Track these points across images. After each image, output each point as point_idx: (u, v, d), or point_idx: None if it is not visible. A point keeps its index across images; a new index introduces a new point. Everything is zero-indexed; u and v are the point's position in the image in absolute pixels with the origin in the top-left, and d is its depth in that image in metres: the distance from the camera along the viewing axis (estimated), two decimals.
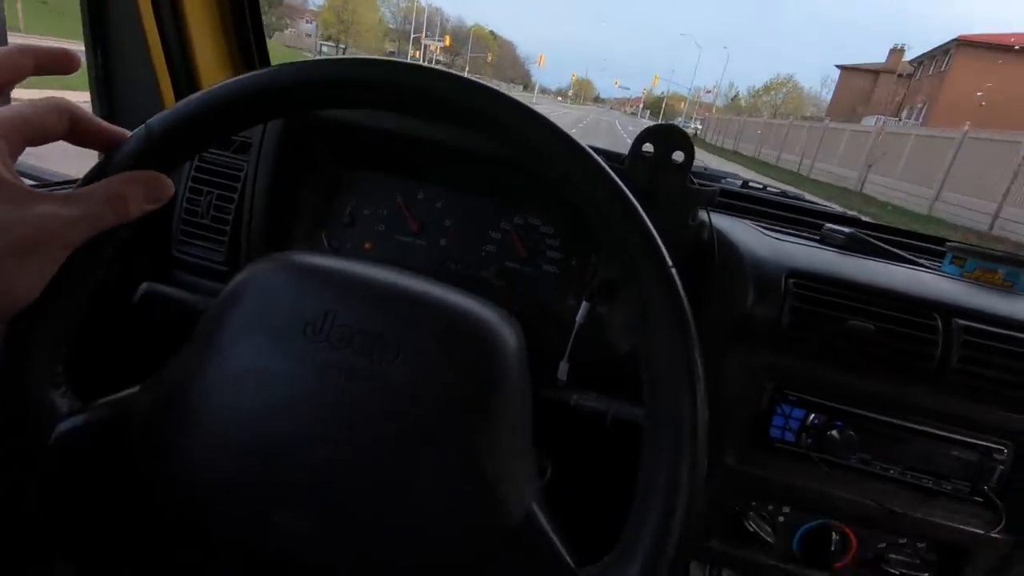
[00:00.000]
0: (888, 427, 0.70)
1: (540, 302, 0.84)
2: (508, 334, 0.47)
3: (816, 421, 0.71)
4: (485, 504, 0.42)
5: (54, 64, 0.37)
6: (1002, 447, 0.69)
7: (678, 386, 0.38)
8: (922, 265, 0.79)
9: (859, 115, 38.70)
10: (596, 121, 39.35)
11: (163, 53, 0.94)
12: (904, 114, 36.53)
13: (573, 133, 0.41)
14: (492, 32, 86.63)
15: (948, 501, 0.71)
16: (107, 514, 0.46)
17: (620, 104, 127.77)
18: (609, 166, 0.74)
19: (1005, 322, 0.67)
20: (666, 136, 0.73)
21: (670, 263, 0.40)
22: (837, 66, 48.36)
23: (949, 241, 0.84)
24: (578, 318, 0.74)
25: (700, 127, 66.42)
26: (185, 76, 0.98)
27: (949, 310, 0.67)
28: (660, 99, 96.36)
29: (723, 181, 1.08)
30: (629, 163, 0.74)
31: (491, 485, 0.42)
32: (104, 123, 0.40)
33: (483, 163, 0.81)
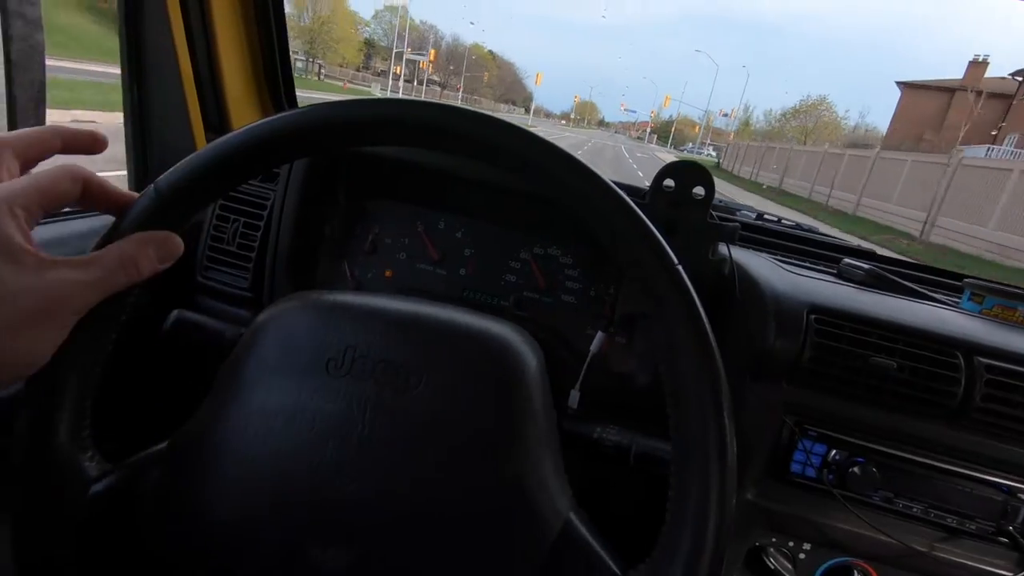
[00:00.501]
0: (911, 464, 0.70)
1: (559, 332, 0.84)
2: (529, 353, 0.48)
3: (837, 457, 0.71)
4: (523, 520, 0.42)
5: (81, 145, 0.40)
6: (1020, 483, 0.69)
7: (705, 416, 0.38)
8: (940, 301, 0.79)
9: (929, 143, 30.06)
10: (600, 147, 36.12)
11: (195, 89, 0.96)
12: (1008, 141, 26.92)
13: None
14: (491, 52, 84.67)
15: (972, 540, 0.70)
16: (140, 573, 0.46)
17: (625, 128, 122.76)
18: (632, 200, 0.76)
19: None
20: (687, 172, 0.74)
21: (696, 297, 0.41)
22: (899, 83, 36.69)
23: (967, 277, 0.84)
24: (592, 347, 0.75)
25: (714, 154, 60.99)
26: (216, 111, 1.01)
27: (971, 348, 0.67)
28: (669, 123, 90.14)
29: (739, 213, 1.10)
30: (650, 198, 0.76)
31: (526, 501, 0.42)
32: (114, 187, 0.41)
33: (503, 193, 0.83)
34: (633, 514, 0.72)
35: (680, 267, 0.41)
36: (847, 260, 0.85)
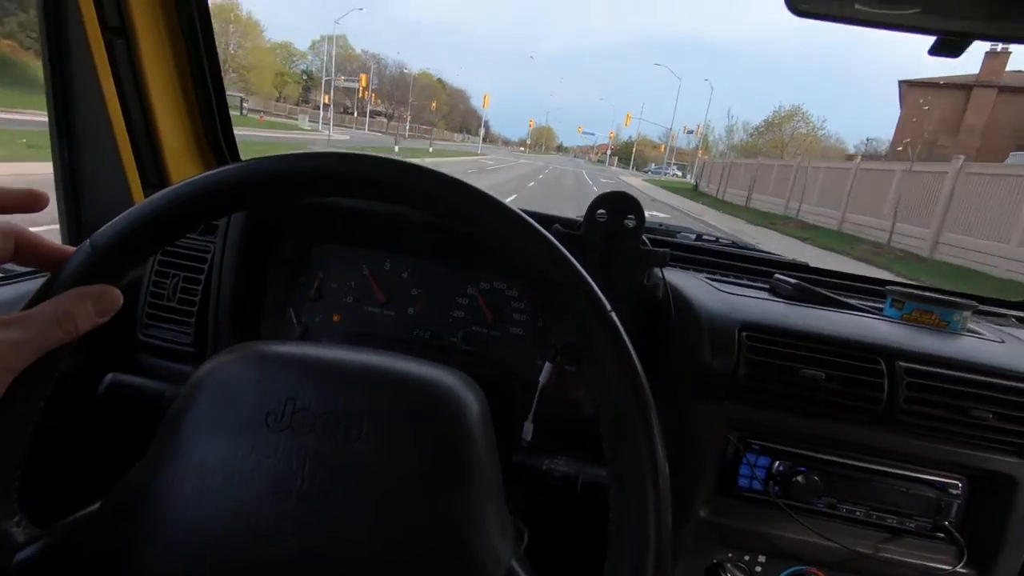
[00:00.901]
0: (849, 469, 0.73)
1: (508, 365, 0.86)
2: (471, 399, 0.48)
3: (781, 468, 0.73)
4: (465, 571, 0.42)
5: (17, 203, 0.38)
6: (957, 482, 0.72)
7: (639, 450, 0.39)
8: (865, 310, 0.83)
9: (944, 149, 24.07)
10: (558, 174, 31.47)
11: (130, 144, 0.95)
12: None
13: (530, 187, 0.42)
14: (440, 80, 79.93)
15: (913, 539, 0.73)
16: None
17: (584, 152, 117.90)
18: (566, 232, 0.78)
19: (943, 362, 0.71)
20: (618, 202, 0.78)
21: (628, 344, 0.42)
22: (902, 82, 29.53)
23: (889, 284, 0.89)
24: (542, 379, 0.76)
25: (679, 173, 57.93)
26: (154, 167, 0.99)
27: (892, 354, 0.71)
28: (629, 145, 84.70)
29: (678, 235, 1.14)
30: (585, 229, 0.78)
31: (468, 550, 0.42)
32: (48, 241, 0.40)
33: (447, 232, 0.84)
34: (583, 543, 0.73)
35: (613, 313, 0.43)
36: (778, 275, 0.89)
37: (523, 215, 0.44)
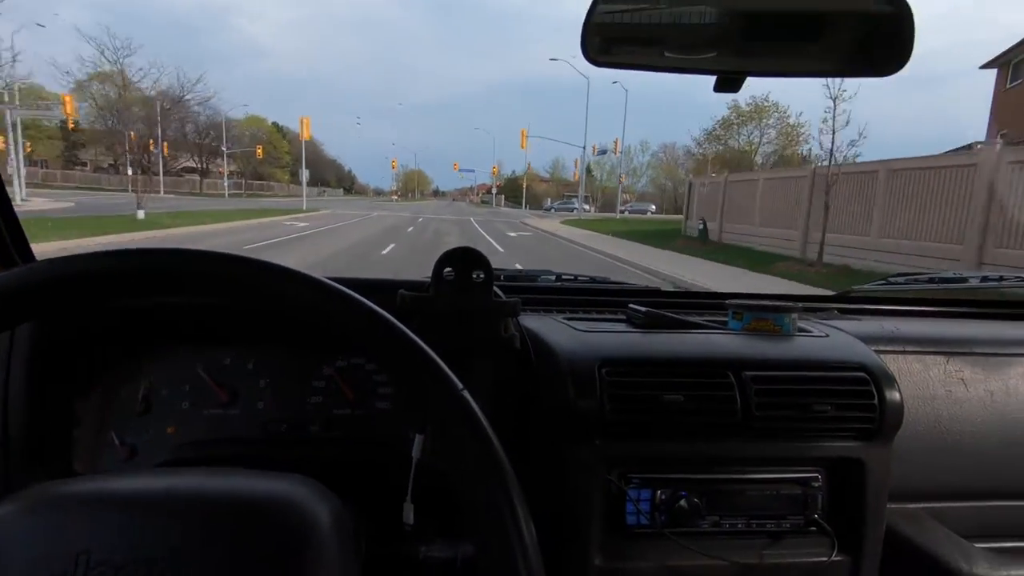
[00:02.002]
0: (723, 483, 0.75)
1: (379, 443, 0.80)
2: (319, 510, 0.42)
3: (664, 497, 0.74)
4: None
5: None
6: (816, 474, 0.77)
7: (502, 520, 0.38)
8: (711, 327, 0.88)
9: None
10: (434, 228, 18.36)
11: None
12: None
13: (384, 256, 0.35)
14: (276, 124, 61.86)
15: (791, 538, 0.76)
16: None
17: (464, 194, 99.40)
18: (415, 295, 0.75)
19: (782, 364, 0.77)
20: (466, 258, 0.76)
21: (482, 420, 0.40)
22: (989, 65, 20.25)
23: (728, 298, 0.96)
24: (414, 453, 0.72)
25: (588, 208, 40.83)
26: None
27: (738, 365, 0.76)
28: (515, 180, 68.78)
29: (539, 279, 1.15)
30: (434, 289, 0.76)
31: None
32: None
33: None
34: None
35: (465, 392, 0.41)
36: (631, 304, 0.92)
37: (353, 295, 0.41)
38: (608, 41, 0.68)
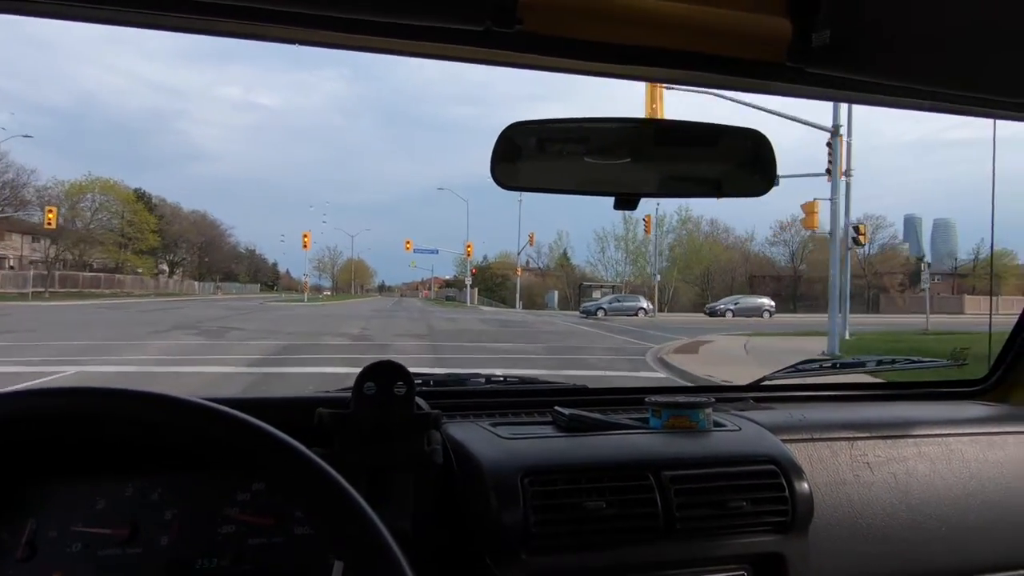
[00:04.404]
0: None
1: (301, 574, 0.75)
2: None
3: None
4: None
5: None
6: (742, 572, 0.78)
7: None
8: (634, 426, 0.91)
9: None
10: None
11: None
12: None
13: None
14: (140, 192, 43.44)
15: None
16: None
17: (413, 289, 75.63)
18: (334, 412, 0.75)
19: (699, 462, 0.79)
20: (386, 371, 0.77)
21: (397, 553, 0.41)
22: None
23: (648, 396, 0.99)
24: None
25: (650, 307, 29.60)
26: None
27: (657, 465, 0.78)
28: (487, 269, 52.19)
29: (468, 382, 1.16)
30: (354, 405, 0.75)
31: None
32: None
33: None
34: None
35: (397, 551, 0.41)
36: (556, 408, 0.94)
37: (261, 425, 0.41)
38: (515, 170, 0.75)
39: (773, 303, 30.90)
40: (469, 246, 41.03)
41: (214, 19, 0.60)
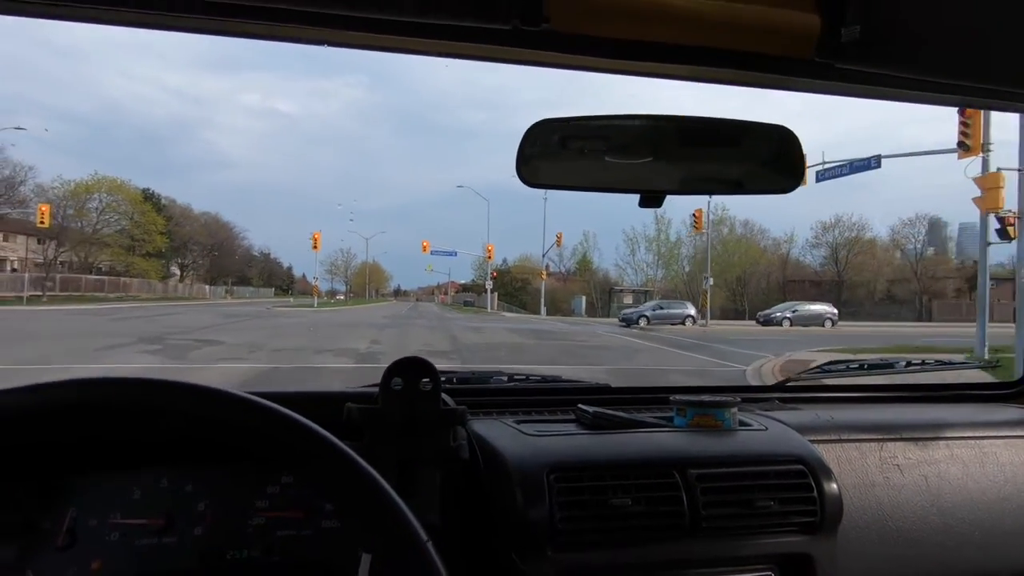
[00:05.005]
0: None
1: (328, 566, 0.76)
2: None
3: None
4: None
5: None
6: (769, 572, 0.78)
7: None
8: (658, 424, 0.91)
9: None
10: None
11: None
12: None
13: None
14: (148, 193, 41.52)
15: None
16: None
17: (430, 293, 79.16)
18: (363, 407, 0.76)
19: (725, 461, 0.79)
20: (412, 367, 0.78)
21: (426, 539, 0.41)
22: None
23: (673, 394, 0.99)
24: (360, 574, 0.69)
25: (697, 314, 26.71)
26: None
27: (683, 463, 0.77)
28: (507, 272, 48.52)
29: (491, 380, 1.17)
30: (383, 401, 0.76)
31: None
32: None
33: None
34: None
35: (429, 544, 0.42)
36: (580, 404, 0.94)
37: (300, 419, 0.41)
38: (539, 168, 0.75)
39: (835, 311, 27.72)
40: (490, 248, 39.54)
41: (238, 21, 0.61)
